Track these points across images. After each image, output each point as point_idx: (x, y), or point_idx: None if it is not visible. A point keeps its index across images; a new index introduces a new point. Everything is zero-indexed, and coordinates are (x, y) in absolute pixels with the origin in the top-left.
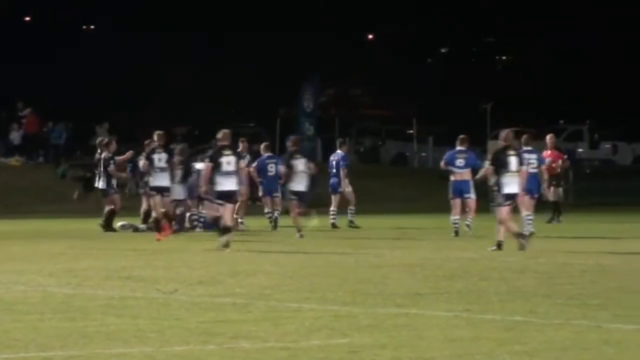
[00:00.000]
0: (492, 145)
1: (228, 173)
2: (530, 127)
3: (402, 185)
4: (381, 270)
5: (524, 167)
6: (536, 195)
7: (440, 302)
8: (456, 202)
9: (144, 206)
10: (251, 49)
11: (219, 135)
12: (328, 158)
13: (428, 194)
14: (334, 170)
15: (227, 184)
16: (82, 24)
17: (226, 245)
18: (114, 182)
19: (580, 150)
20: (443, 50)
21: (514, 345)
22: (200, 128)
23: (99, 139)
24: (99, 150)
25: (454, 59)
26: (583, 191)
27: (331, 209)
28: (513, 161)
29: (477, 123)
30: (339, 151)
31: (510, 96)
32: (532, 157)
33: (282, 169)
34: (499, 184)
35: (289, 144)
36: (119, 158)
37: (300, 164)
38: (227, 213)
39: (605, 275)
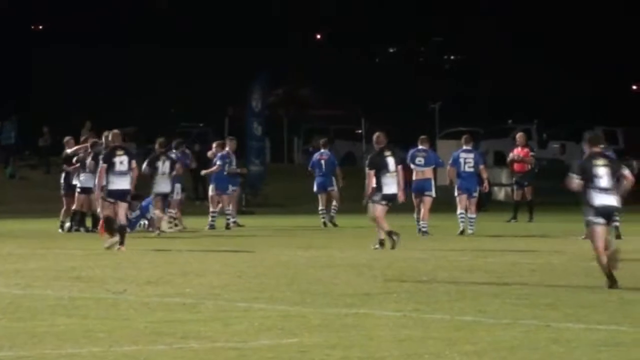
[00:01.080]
0: (441, 145)
1: (121, 172)
2: (478, 127)
3: (351, 185)
4: (330, 270)
5: (400, 167)
6: (475, 195)
7: (389, 302)
8: (417, 201)
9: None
10: (199, 48)
11: (110, 136)
12: (277, 158)
13: None
14: (324, 169)
15: (120, 183)
16: (31, 24)
17: (115, 244)
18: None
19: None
20: (391, 50)
21: (463, 345)
22: (147, 128)
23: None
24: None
25: (403, 58)
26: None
27: (320, 207)
28: (391, 162)
29: (426, 122)
30: (324, 150)
31: (459, 96)
32: (469, 157)
33: (146, 169)
34: (379, 185)
35: (156, 146)
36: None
37: (164, 166)
38: (121, 211)
39: (555, 275)
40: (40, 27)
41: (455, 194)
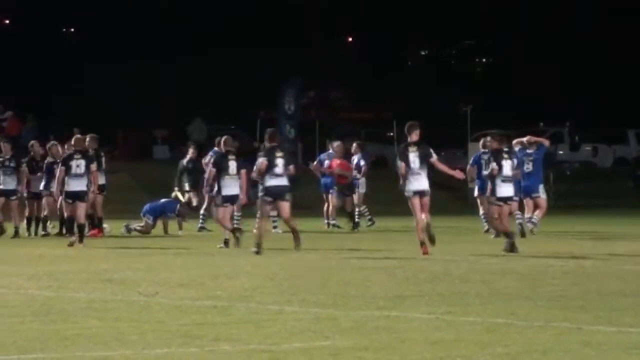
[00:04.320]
0: (473, 148)
1: (77, 175)
2: (510, 130)
3: (382, 188)
4: (362, 273)
5: (244, 171)
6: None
7: (421, 305)
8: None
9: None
10: (233, 51)
11: (72, 141)
12: (309, 161)
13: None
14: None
15: (76, 185)
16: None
17: (73, 243)
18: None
19: (561, 152)
20: (423, 53)
21: (495, 348)
22: (179, 131)
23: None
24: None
25: (434, 61)
26: (563, 193)
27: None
28: (232, 165)
29: (458, 125)
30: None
31: (491, 98)
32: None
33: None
34: (219, 186)
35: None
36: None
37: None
38: (80, 211)
39: (586, 277)
40: (72, 30)
41: (475, 195)
